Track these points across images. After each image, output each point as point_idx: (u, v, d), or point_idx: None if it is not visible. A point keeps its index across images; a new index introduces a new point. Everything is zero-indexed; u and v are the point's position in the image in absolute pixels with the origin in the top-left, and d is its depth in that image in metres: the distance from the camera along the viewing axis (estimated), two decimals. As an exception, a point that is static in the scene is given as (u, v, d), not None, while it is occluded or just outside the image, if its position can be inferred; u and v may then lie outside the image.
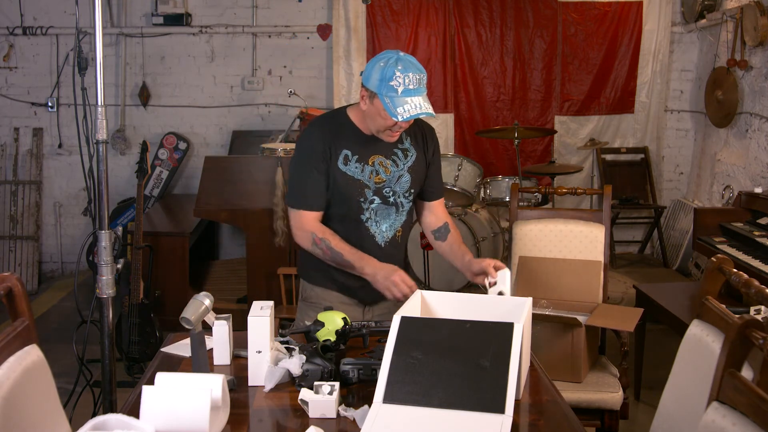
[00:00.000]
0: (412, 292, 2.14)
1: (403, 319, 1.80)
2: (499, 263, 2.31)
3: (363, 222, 2.37)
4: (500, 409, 1.62)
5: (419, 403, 1.65)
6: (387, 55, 2.19)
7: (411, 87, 2.14)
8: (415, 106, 2.14)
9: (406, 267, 2.56)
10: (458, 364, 1.71)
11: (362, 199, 2.34)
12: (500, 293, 2.26)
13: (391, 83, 2.14)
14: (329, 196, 2.34)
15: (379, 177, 2.35)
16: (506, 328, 1.76)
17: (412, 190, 2.42)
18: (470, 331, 1.78)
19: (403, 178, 2.39)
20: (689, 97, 6.28)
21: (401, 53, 2.20)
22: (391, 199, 2.38)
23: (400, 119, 2.14)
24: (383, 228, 2.39)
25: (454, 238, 2.51)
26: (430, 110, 2.18)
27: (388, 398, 1.66)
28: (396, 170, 2.37)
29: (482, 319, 1.84)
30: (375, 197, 2.36)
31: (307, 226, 2.32)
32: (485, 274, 2.29)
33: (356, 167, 2.33)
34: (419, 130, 2.45)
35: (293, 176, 2.36)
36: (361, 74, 2.35)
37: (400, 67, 2.14)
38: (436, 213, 2.55)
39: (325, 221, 2.37)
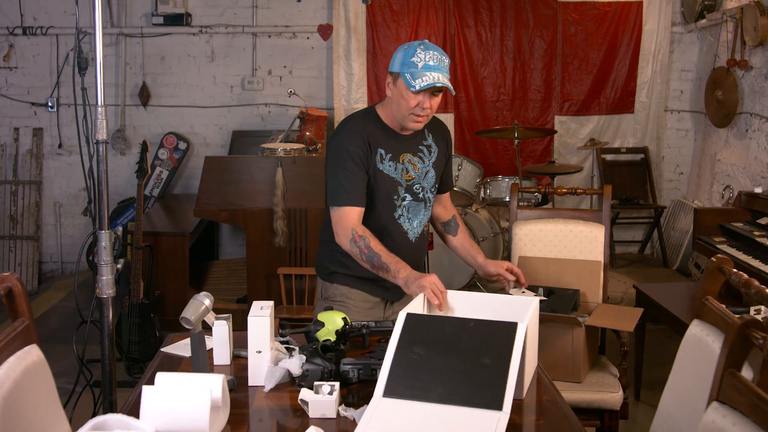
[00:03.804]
0: (443, 296, 2.10)
1: (408, 315, 1.81)
2: (512, 267, 2.42)
3: (396, 219, 2.40)
4: (498, 406, 1.63)
5: (418, 398, 1.66)
6: (411, 42, 2.29)
7: (431, 63, 2.22)
8: (434, 78, 2.20)
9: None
10: (459, 361, 1.72)
11: (396, 197, 2.38)
12: (523, 292, 2.41)
13: (412, 59, 2.22)
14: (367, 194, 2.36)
15: (409, 174, 2.40)
16: (510, 328, 1.77)
17: (436, 185, 2.49)
18: (473, 329, 1.79)
19: (429, 174, 2.44)
20: (689, 97, 6.28)
21: (426, 40, 2.30)
22: (421, 195, 2.43)
23: (417, 89, 2.20)
24: (414, 224, 2.44)
25: (464, 235, 2.61)
26: (447, 83, 2.23)
27: (388, 392, 1.67)
28: (423, 167, 2.42)
29: (487, 318, 1.85)
30: (407, 194, 2.40)
31: (349, 222, 2.28)
32: (502, 277, 2.42)
33: (390, 165, 2.36)
34: (438, 126, 2.51)
35: (333, 174, 2.33)
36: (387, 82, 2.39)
37: (421, 47, 2.24)
38: (444, 204, 2.63)
39: (362, 220, 2.36)
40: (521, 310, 2.01)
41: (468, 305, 2.11)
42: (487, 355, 1.72)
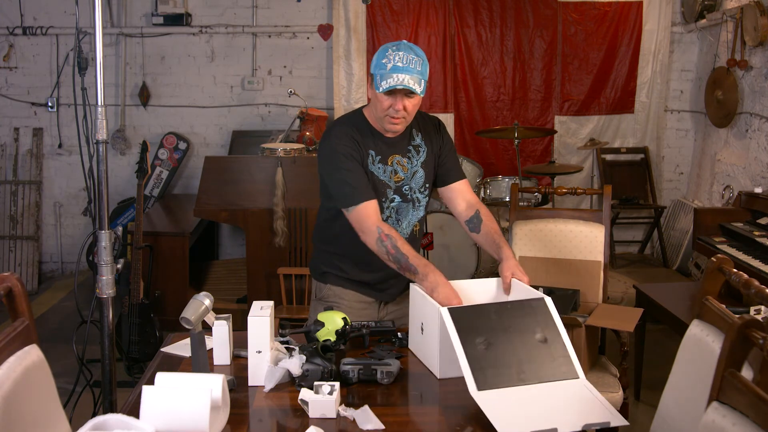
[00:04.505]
0: None
1: (451, 310, 1.86)
2: (517, 273, 2.19)
3: (384, 221, 2.36)
4: (574, 375, 1.75)
5: (508, 384, 1.73)
6: (388, 43, 2.25)
7: (400, 64, 2.17)
8: (398, 80, 2.16)
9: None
10: (520, 342, 1.81)
11: (384, 199, 2.36)
12: None
13: (383, 61, 2.19)
14: None
15: (398, 176, 2.38)
16: (540, 303, 1.89)
17: (427, 185, 2.45)
18: (512, 310, 1.87)
19: (417, 174, 2.41)
20: (689, 97, 6.28)
21: (406, 41, 2.26)
22: (410, 196, 2.41)
23: (380, 90, 2.18)
24: (403, 225, 2.42)
25: (488, 227, 2.41)
26: (412, 85, 2.16)
27: (481, 386, 1.72)
28: (411, 167, 2.40)
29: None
30: (395, 196, 2.38)
31: (372, 220, 2.20)
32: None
33: (380, 168, 2.35)
34: (430, 124, 2.47)
35: (336, 176, 2.27)
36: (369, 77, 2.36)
37: (393, 47, 2.20)
38: (465, 197, 2.47)
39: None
40: (524, 289, 2.08)
41: (468, 293, 2.15)
42: (537, 331, 1.82)
